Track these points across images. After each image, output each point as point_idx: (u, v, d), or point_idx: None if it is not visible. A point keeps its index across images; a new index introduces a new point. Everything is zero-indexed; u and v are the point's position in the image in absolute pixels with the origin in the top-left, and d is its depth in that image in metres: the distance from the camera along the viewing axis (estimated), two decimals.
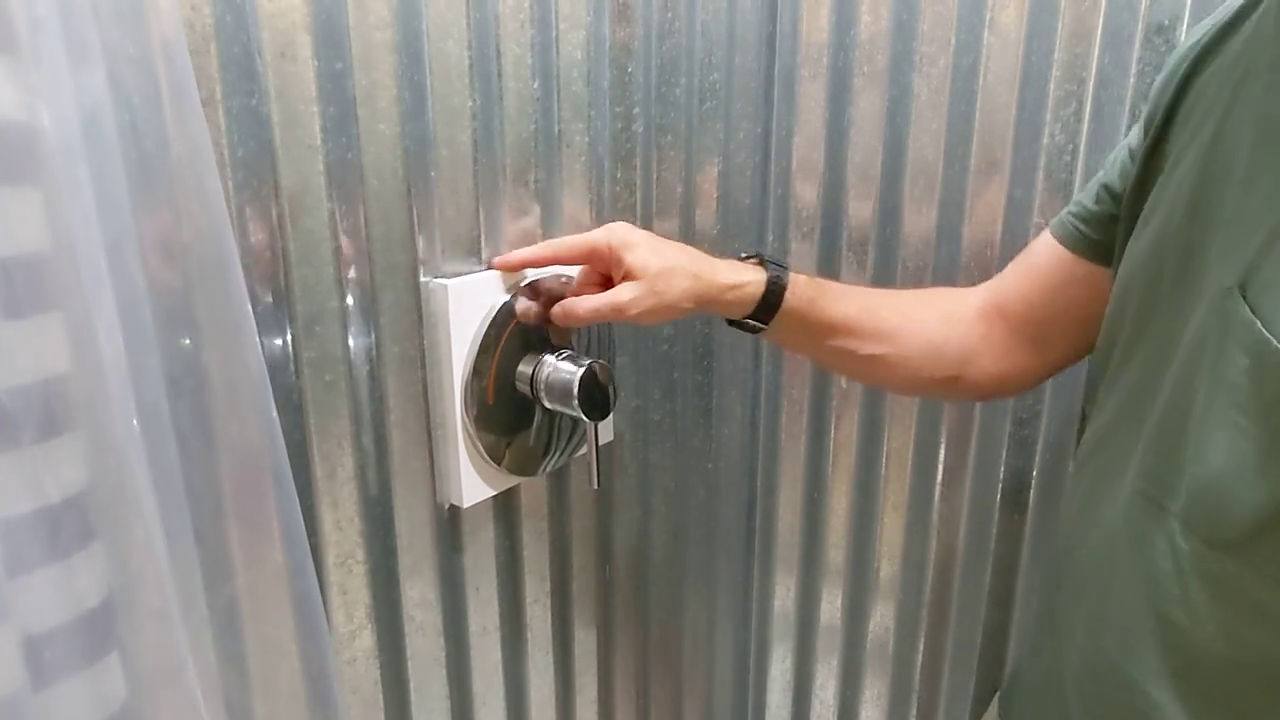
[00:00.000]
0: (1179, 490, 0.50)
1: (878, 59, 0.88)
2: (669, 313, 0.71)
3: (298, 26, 0.57)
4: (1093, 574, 0.58)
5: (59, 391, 0.35)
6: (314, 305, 0.62)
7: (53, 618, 0.36)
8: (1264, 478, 0.45)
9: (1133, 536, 0.54)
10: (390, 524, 0.70)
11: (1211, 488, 0.48)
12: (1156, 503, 0.52)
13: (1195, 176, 0.54)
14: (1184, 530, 0.50)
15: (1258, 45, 0.52)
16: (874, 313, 0.78)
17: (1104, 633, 0.56)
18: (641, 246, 0.71)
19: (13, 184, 0.33)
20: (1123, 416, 0.59)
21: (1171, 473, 0.51)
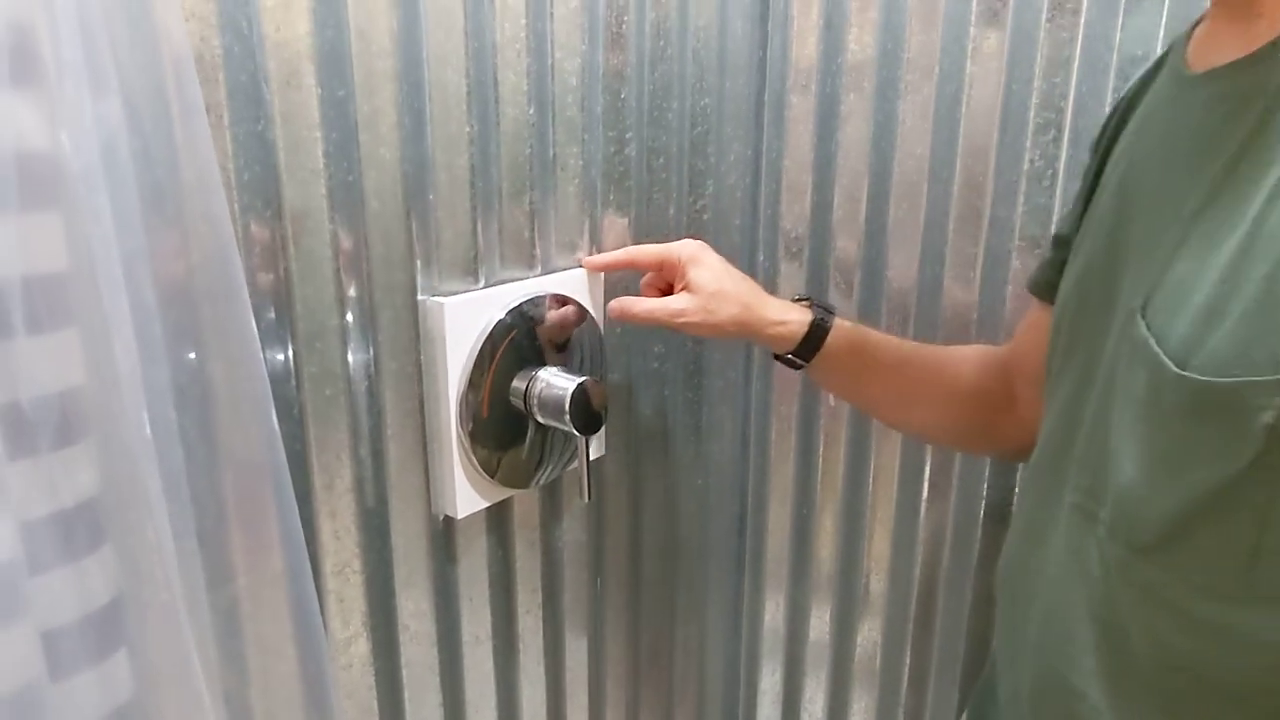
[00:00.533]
0: (1105, 501, 0.53)
1: (864, 85, 0.91)
2: (713, 331, 0.78)
3: (302, 55, 0.60)
4: (1041, 589, 0.60)
5: (75, 402, 0.38)
6: (315, 322, 0.64)
7: (66, 615, 0.38)
8: (1170, 485, 0.47)
9: (1071, 548, 0.57)
10: (386, 534, 0.72)
11: (1128, 497, 0.51)
12: (1089, 514, 0.55)
13: (1113, 207, 0.58)
14: (1109, 538, 0.53)
15: (1163, 84, 0.58)
16: (909, 363, 0.84)
17: (1051, 644, 0.59)
18: (706, 266, 0.78)
19: (37, 209, 0.36)
20: (1057, 437, 0.62)
21: (1099, 485, 0.54)
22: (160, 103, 0.45)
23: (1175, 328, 0.46)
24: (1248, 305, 0.43)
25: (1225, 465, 0.44)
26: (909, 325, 0.95)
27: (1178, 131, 0.53)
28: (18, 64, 0.35)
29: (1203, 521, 0.46)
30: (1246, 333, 0.43)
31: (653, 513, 1.01)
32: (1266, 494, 0.43)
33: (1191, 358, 0.45)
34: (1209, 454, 0.45)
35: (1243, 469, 0.43)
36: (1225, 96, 0.49)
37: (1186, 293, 0.46)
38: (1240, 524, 0.45)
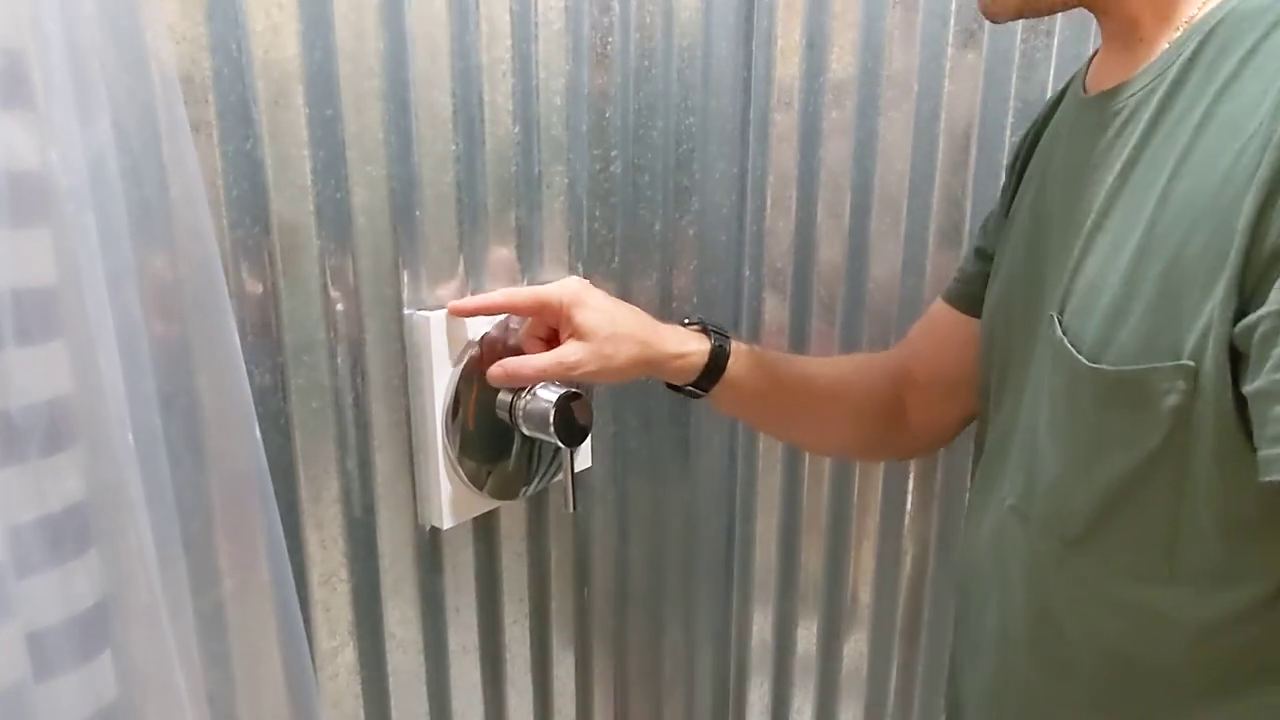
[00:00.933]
0: (1036, 499, 0.57)
1: (846, 103, 0.93)
2: (614, 375, 0.73)
3: (291, 76, 0.61)
4: (992, 590, 0.63)
5: (63, 410, 0.39)
6: (303, 335, 0.65)
7: (53, 617, 0.39)
8: (1092, 474, 0.51)
9: (1011, 548, 0.60)
10: (373, 544, 0.73)
11: (1055, 492, 0.55)
12: (1023, 514, 0.59)
13: (1029, 223, 0.63)
14: (1042, 534, 0.57)
15: (1066, 108, 0.62)
16: (806, 380, 0.83)
17: (1006, 643, 0.62)
18: (592, 308, 0.72)
19: (27, 226, 0.37)
20: (998, 446, 0.65)
21: (1030, 485, 0.58)
22: (148, 122, 0.47)
23: (1088, 328, 0.50)
24: (1148, 302, 0.47)
25: (1139, 448, 0.48)
26: (890, 337, 0.97)
27: (1078, 149, 0.57)
28: (9, 86, 0.36)
29: (1123, 506, 0.50)
30: (1149, 326, 0.46)
31: (640, 524, 1.02)
32: (1177, 473, 0.47)
33: (1103, 354, 0.49)
34: (1123, 440, 0.49)
35: (1154, 450, 0.47)
36: (1115, 113, 0.53)
37: (1095, 295, 0.50)
38: (1157, 505, 0.48)
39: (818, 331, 1.00)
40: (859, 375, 0.84)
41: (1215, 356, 0.43)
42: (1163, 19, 0.51)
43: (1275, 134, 0.41)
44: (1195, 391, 0.44)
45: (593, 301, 0.73)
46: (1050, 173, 0.62)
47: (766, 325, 1.01)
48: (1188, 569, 0.48)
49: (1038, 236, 0.61)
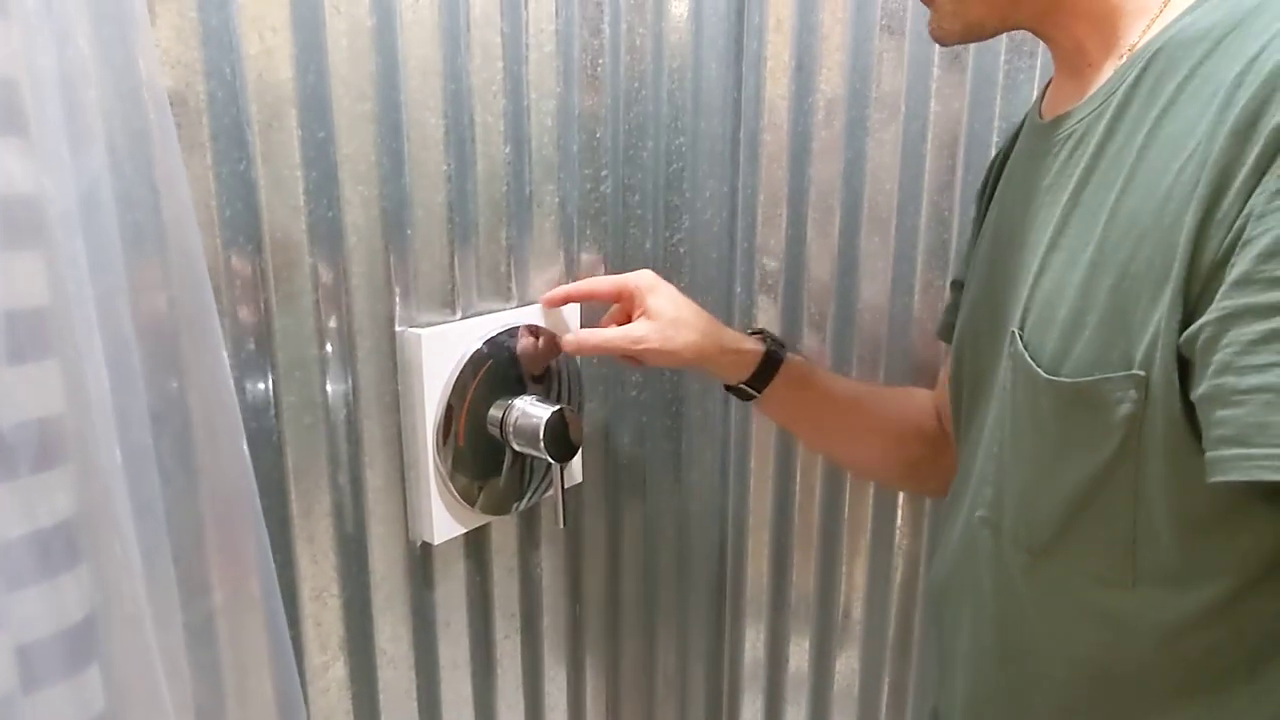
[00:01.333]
0: (1005, 509, 0.58)
1: (834, 123, 0.94)
2: (671, 359, 0.79)
3: (284, 99, 0.63)
4: (966, 606, 0.65)
5: (54, 428, 0.40)
6: (294, 352, 0.66)
7: (41, 630, 0.40)
8: (1056, 482, 0.53)
9: (982, 560, 0.62)
10: (364, 559, 0.74)
11: (1024, 500, 0.56)
12: (994, 526, 0.60)
13: (989, 245, 0.65)
14: (1012, 545, 0.58)
15: (1024, 135, 0.65)
16: (861, 399, 0.87)
17: (980, 654, 0.63)
18: (663, 295, 0.80)
19: (20, 248, 0.38)
20: (967, 461, 0.67)
21: (998, 496, 0.59)
22: (141, 147, 0.48)
23: (1047, 342, 0.52)
24: (1101, 315, 0.49)
25: (1097, 456, 0.50)
26: (880, 354, 0.98)
27: (1034, 172, 0.59)
28: (3, 113, 0.37)
29: (1085, 513, 0.52)
30: (1102, 339, 0.48)
31: (632, 540, 1.03)
32: (1133, 478, 0.49)
33: (1061, 366, 0.51)
34: (1082, 448, 0.50)
35: (1111, 457, 0.49)
36: (1067, 136, 0.55)
37: (1053, 310, 0.52)
38: (1117, 511, 0.50)
39: (809, 348, 1.00)
40: (906, 404, 0.87)
41: (1164, 365, 0.45)
42: (1107, 46, 0.54)
43: (1212, 153, 0.43)
44: (1146, 400, 0.46)
45: (663, 289, 0.80)
46: (1009, 198, 0.64)
47: None
48: (1150, 572, 0.50)
49: (997, 258, 0.63)
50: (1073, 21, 0.56)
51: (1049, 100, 0.62)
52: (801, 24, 0.93)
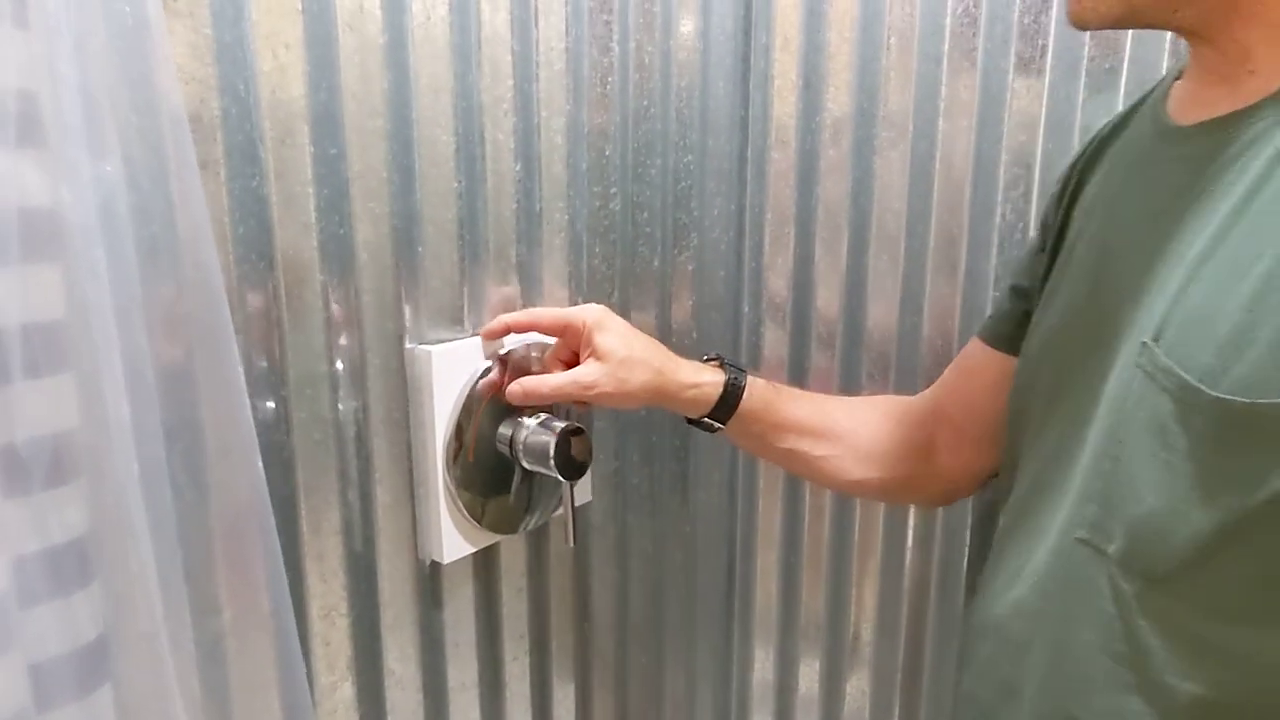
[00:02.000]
0: (1116, 533, 0.54)
1: (842, 142, 0.95)
2: (627, 400, 0.75)
3: (297, 116, 0.63)
4: (1040, 630, 0.60)
5: (68, 443, 0.40)
6: (305, 369, 0.66)
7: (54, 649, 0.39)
8: (1198, 509, 0.49)
9: (1076, 586, 0.57)
10: (373, 578, 0.73)
11: (1147, 526, 0.52)
12: (1096, 549, 0.55)
13: (1095, 258, 0.61)
14: (1123, 572, 0.54)
15: (1141, 137, 0.61)
16: (826, 415, 0.82)
17: (1059, 688, 0.58)
18: (613, 332, 0.74)
19: (37, 261, 0.38)
20: (1045, 478, 0.62)
21: (1108, 519, 0.55)
22: (157, 161, 0.48)
23: (1198, 357, 0.49)
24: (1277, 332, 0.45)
25: (1257, 488, 0.46)
26: (889, 373, 0.97)
27: (1167, 181, 0.55)
28: (23, 126, 0.37)
29: (1227, 547, 0.48)
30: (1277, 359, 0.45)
31: (640, 560, 1.02)
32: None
33: (1218, 383, 0.47)
34: (1241, 478, 0.46)
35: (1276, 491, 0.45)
36: (1227, 143, 0.52)
37: (1208, 324, 0.49)
38: (1264, 548, 0.47)
39: (817, 366, 1.00)
40: (886, 417, 0.83)
41: None
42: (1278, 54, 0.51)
43: None
44: None
45: (613, 326, 0.75)
46: (1122, 205, 0.60)
47: (766, 360, 1.01)
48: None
49: (1107, 268, 0.59)
50: (1245, 26, 0.52)
51: (1181, 103, 0.58)
52: (808, 43, 0.93)
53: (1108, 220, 0.61)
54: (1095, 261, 0.61)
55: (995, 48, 0.87)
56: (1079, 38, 0.85)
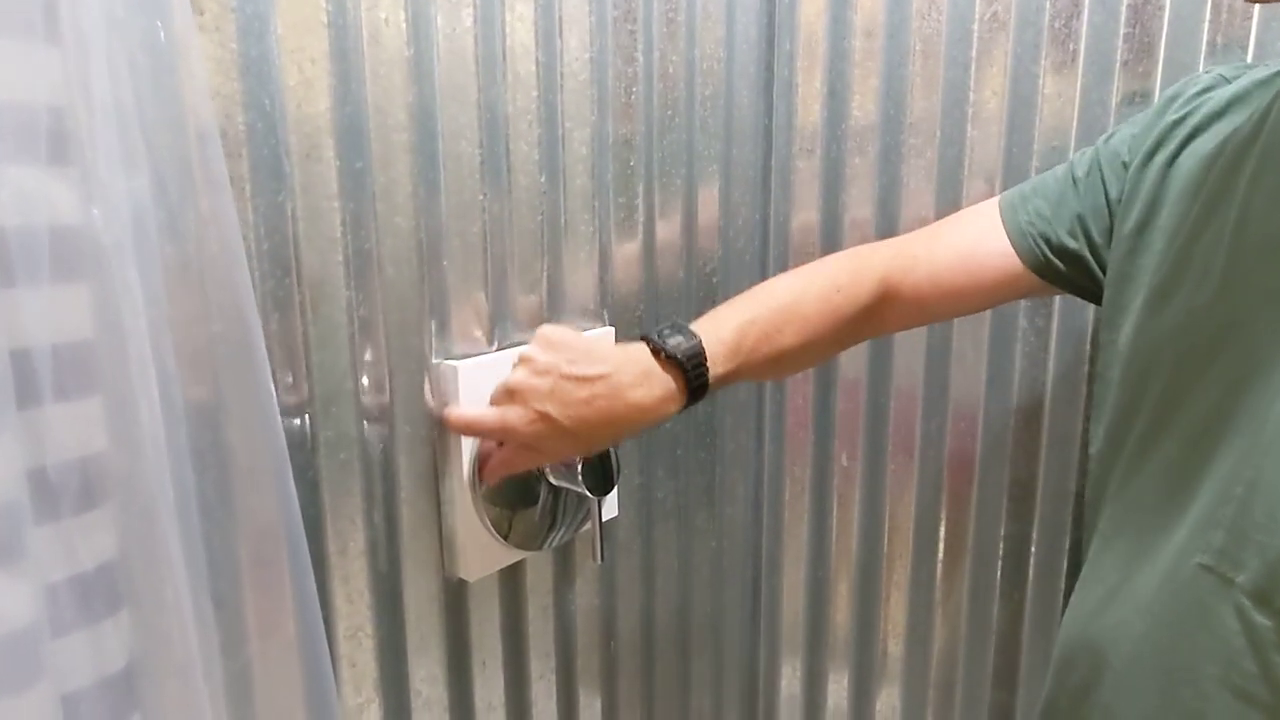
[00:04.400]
0: (1247, 562, 0.51)
1: (868, 150, 0.93)
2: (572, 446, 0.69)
3: (322, 130, 0.62)
4: (1143, 661, 0.57)
5: (98, 467, 0.39)
6: (331, 387, 0.65)
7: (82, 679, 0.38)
8: None
9: (1195, 614, 0.54)
10: (399, 598, 0.72)
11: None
12: (1223, 577, 0.52)
13: (1224, 257, 0.55)
14: (1257, 604, 0.50)
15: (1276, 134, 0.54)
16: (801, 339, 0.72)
17: (1174, 715, 0.55)
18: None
19: (67, 281, 0.37)
20: (1160, 494, 0.58)
21: (1238, 545, 0.51)
22: (187, 178, 0.47)
23: None
24: None
25: None
26: (918, 386, 0.96)
27: None
28: (54, 144, 0.36)
29: None
30: None
31: (666, 576, 1.01)
32: None
33: None
34: None
35: None
36: None
37: None
38: None
39: (844, 378, 0.99)
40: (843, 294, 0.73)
41: None
42: None
43: None
44: None
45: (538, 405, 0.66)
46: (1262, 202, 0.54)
47: None
48: None
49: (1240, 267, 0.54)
50: None
51: None
52: (833, 50, 0.92)
53: (1241, 223, 0.55)
54: (1224, 265, 0.55)
55: (1025, 52, 0.86)
56: (1111, 41, 0.83)
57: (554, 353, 0.67)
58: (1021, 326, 0.91)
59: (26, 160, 0.36)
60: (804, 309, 0.73)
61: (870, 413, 0.99)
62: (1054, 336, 0.91)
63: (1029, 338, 0.91)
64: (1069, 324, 0.90)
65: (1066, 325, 0.90)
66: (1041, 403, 0.93)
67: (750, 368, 0.71)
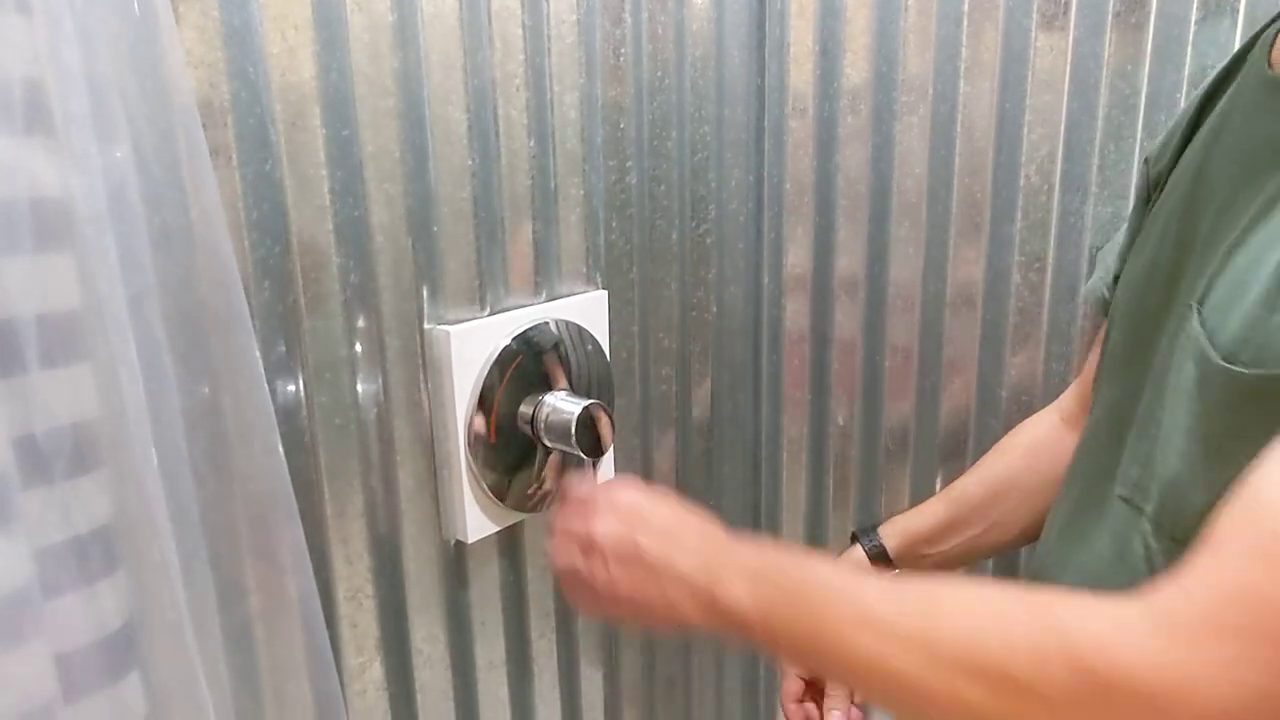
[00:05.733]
0: (1151, 493, 0.54)
1: (861, 108, 0.93)
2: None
3: (307, 98, 0.62)
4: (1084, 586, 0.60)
5: (87, 433, 0.40)
6: (324, 353, 0.66)
7: (80, 638, 0.39)
8: (1212, 476, 0.48)
9: (1116, 543, 0.57)
10: (398, 560, 0.73)
11: (1174, 489, 0.52)
12: (1136, 507, 0.55)
13: (1182, 208, 0.58)
14: (1155, 531, 0.53)
15: (1244, 84, 0.56)
16: (968, 504, 0.82)
17: None
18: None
19: (50, 251, 0.38)
20: (1104, 432, 0.62)
21: (1146, 479, 0.55)
22: (168, 147, 0.47)
23: (1228, 325, 0.47)
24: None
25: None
26: (914, 342, 0.96)
27: (1255, 133, 0.52)
28: (30, 115, 0.37)
29: None
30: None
31: None
32: None
33: (1241, 351, 0.46)
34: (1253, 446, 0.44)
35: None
36: None
37: (1242, 289, 0.47)
38: None
39: (839, 337, 0.99)
40: (1037, 455, 0.80)
41: None
42: None
43: None
44: None
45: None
46: (1216, 154, 0.56)
47: (788, 332, 1.01)
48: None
49: (1190, 219, 0.56)
50: None
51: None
52: (824, 8, 0.91)
53: (1201, 172, 0.57)
54: (1181, 216, 0.58)
55: (1017, 6, 0.85)
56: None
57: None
58: (1015, 282, 0.91)
59: (3, 131, 0.36)
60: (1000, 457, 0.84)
61: (866, 372, 0.99)
62: (1047, 291, 0.91)
63: (1022, 293, 0.91)
64: (1062, 281, 0.90)
65: (1059, 281, 0.90)
66: (1035, 359, 0.93)
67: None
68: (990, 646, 0.43)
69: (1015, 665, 0.41)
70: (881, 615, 0.46)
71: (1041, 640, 0.41)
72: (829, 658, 0.49)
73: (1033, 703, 0.41)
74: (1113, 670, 0.39)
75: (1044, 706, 0.41)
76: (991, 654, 0.42)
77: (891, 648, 0.45)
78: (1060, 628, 0.42)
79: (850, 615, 0.47)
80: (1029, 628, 0.42)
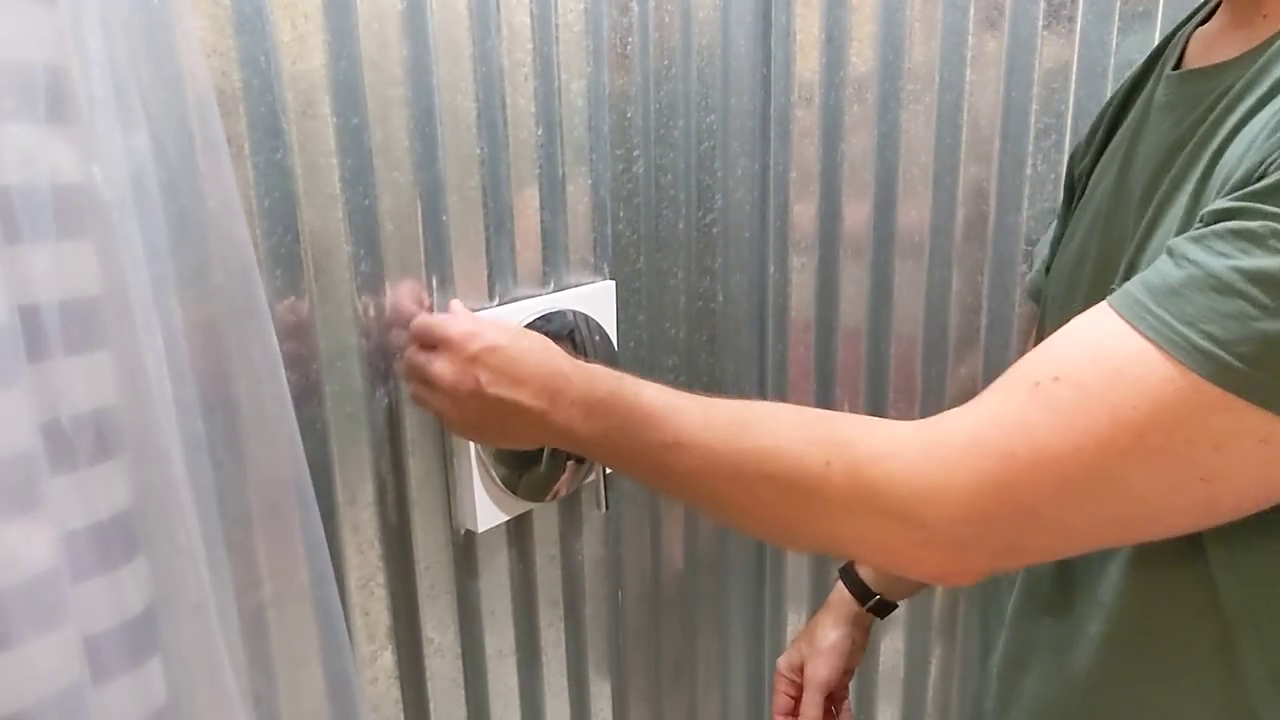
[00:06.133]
0: None
1: (867, 97, 0.93)
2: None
3: (318, 87, 0.62)
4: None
5: (110, 419, 0.40)
6: (336, 341, 0.66)
7: (103, 623, 0.40)
8: None
9: None
10: (409, 549, 0.74)
11: None
12: None
13: (1110, 203, 0.60)
14: None
15: (1155, 82, 0.59)
16: None
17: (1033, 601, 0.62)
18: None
19: (71, 238, 0.38)
20: None
21: None
22: (184, 136, 0.47)
23: None
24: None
25: None
26: (918, 329, 0.96)
27: (1166, 125, 0.55)
28: (53, 103, 0.37)
29: None
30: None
31: (671, 526, 1.02)
32: None
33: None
34: None
35: None
36: (1211, 90, 0.50)
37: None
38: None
39: (845, 326, 0.99)
40: None
41: None
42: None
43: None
44: None
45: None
46: (1137, 150, 0.59)
47: (793, 321, 1.01)
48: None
49: (1115, 213, 0.58)
50: None
51: (1200, 46, 0.57)
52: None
53: (1124, 167, 0.60)
54: (1108, 210, 0.60)
55: None
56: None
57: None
58: (1020, 271, 0.92)
59: (26, 119, 0.36)
60: None
61: (871, 360, 1.00)
62: None
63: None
64: None
65: None
66: None
67: None
68: (784, 458, 0.50)
69: (803, 472, 0.49)
70: (695, 436, 0.54)
71: (826, 451, 0.48)
72: (654, 475, 0.58)
73: (815, 503, 0.49)
74: (880, 478, 0.46)
75: (824, 507, 0.48)
76: (784, 463, 0.50)
77: (705, 464, 0.53)
78: (843, 441, 0.49)
79: (671, 439, 0.55)
80: (817, 442, 0.49)
